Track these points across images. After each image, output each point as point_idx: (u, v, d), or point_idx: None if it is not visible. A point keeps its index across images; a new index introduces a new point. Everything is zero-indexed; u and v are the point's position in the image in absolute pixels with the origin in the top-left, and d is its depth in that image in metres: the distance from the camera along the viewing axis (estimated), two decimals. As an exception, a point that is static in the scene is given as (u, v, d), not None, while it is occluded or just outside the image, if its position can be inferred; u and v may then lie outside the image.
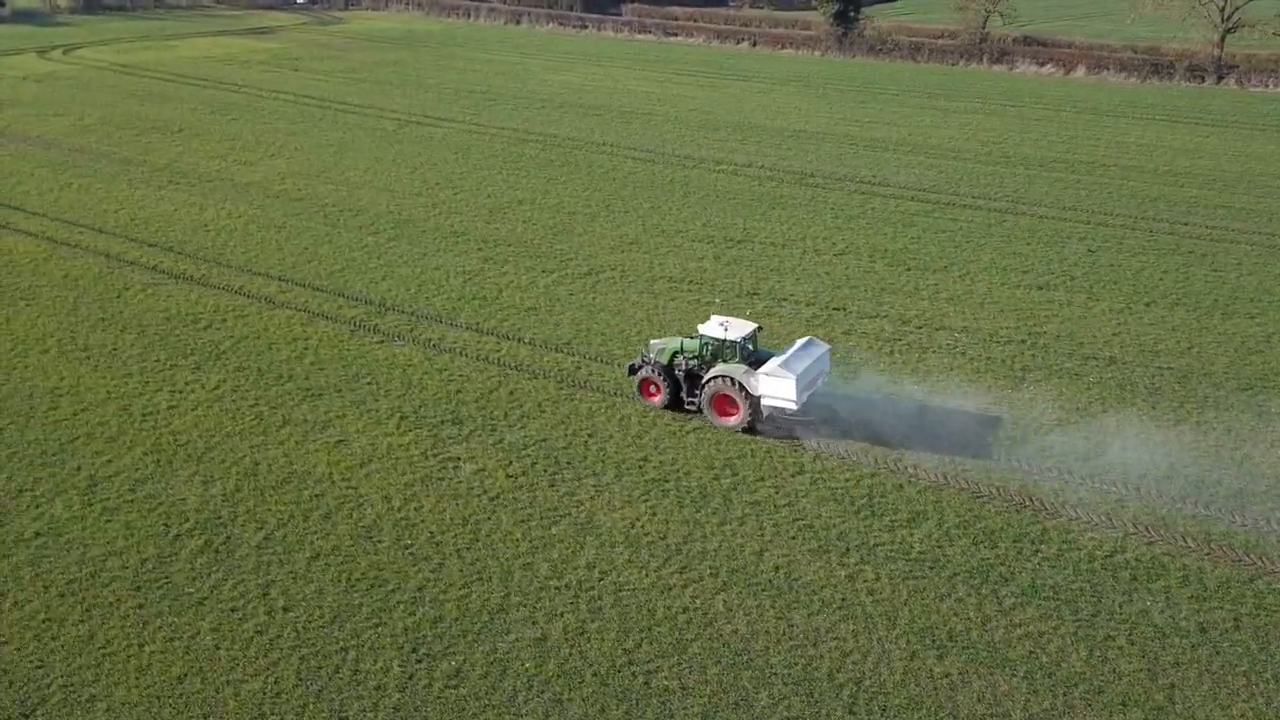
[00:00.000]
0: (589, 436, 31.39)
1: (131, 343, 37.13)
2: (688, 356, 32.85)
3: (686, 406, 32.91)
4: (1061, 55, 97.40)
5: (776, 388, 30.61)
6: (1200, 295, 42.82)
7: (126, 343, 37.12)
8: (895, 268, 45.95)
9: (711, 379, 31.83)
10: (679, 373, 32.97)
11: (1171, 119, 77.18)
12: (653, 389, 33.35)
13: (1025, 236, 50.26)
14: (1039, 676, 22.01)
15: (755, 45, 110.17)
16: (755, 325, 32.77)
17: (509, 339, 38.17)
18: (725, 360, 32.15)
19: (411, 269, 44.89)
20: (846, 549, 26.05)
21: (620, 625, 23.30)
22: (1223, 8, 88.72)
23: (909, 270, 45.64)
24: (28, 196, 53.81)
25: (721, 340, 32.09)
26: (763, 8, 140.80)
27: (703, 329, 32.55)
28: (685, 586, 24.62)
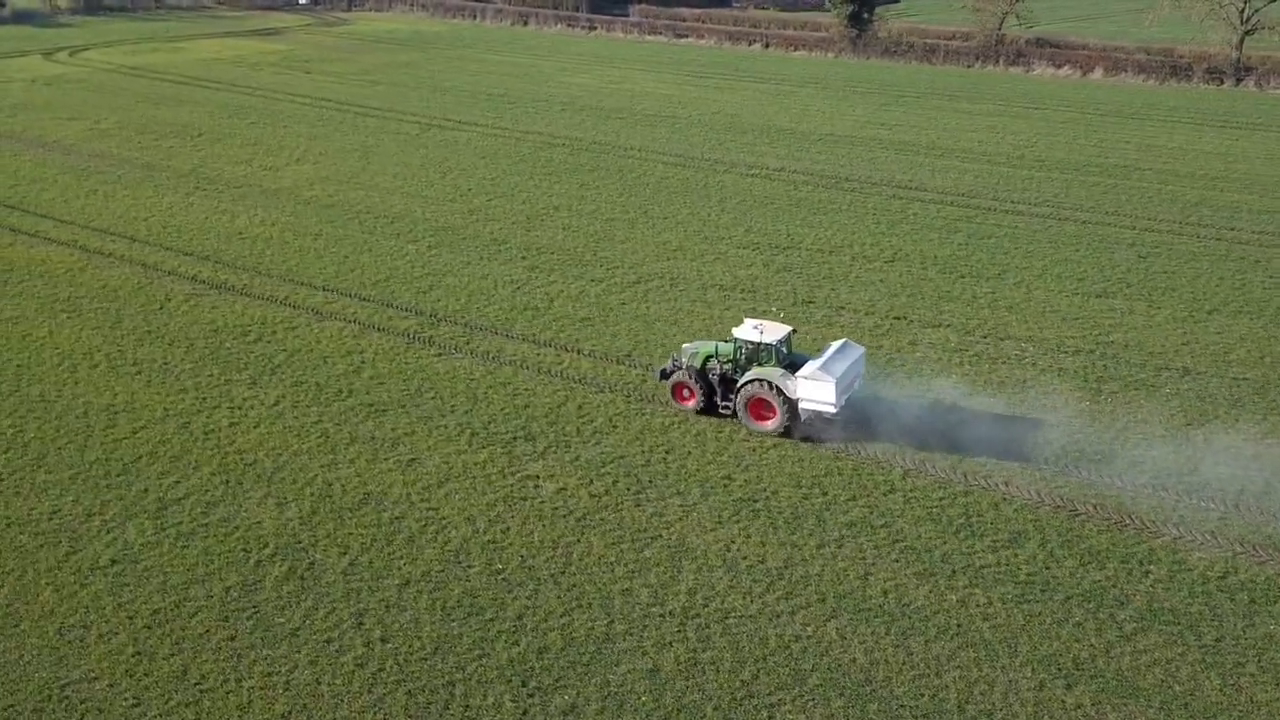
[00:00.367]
0: (666, 453, 30.54)
1: (182, 357, 36.08)
2: (722, 360, 32.45)
3: (720, 410, 32.56)
4: (1078, 57, 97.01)
5: (816, 391, 30.29)
6: (1262, 303, 42.25)
7: (176, 357, 36.07)
8: (948, 275, 45.25)
9: (747, 382, 31.46)
10: (713, 376, 32.57)
11: (1197, 122, 76.81)
12: (686, 393, 32.93)
13: (1072, 243, 49.64)
14: (1175, 707, 21.26)
15: (768, 47, 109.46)
16: (790, 328, 32.44)
17: (568, 351, 37.28)
18: (760, 363, 31.79)
19: (458, 278, 43.93)
20: (953, 571, 25.29)
21: (734, 655, 22.47)
22: (1242, 9, 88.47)
23: (963, 278, 44.94)
24: (54, 204, 52.59)
25: (757, 343, 31.72)
26: (767, 8, 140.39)
27: (737, 332, 32.16)
28: (794, 613, 23.81)
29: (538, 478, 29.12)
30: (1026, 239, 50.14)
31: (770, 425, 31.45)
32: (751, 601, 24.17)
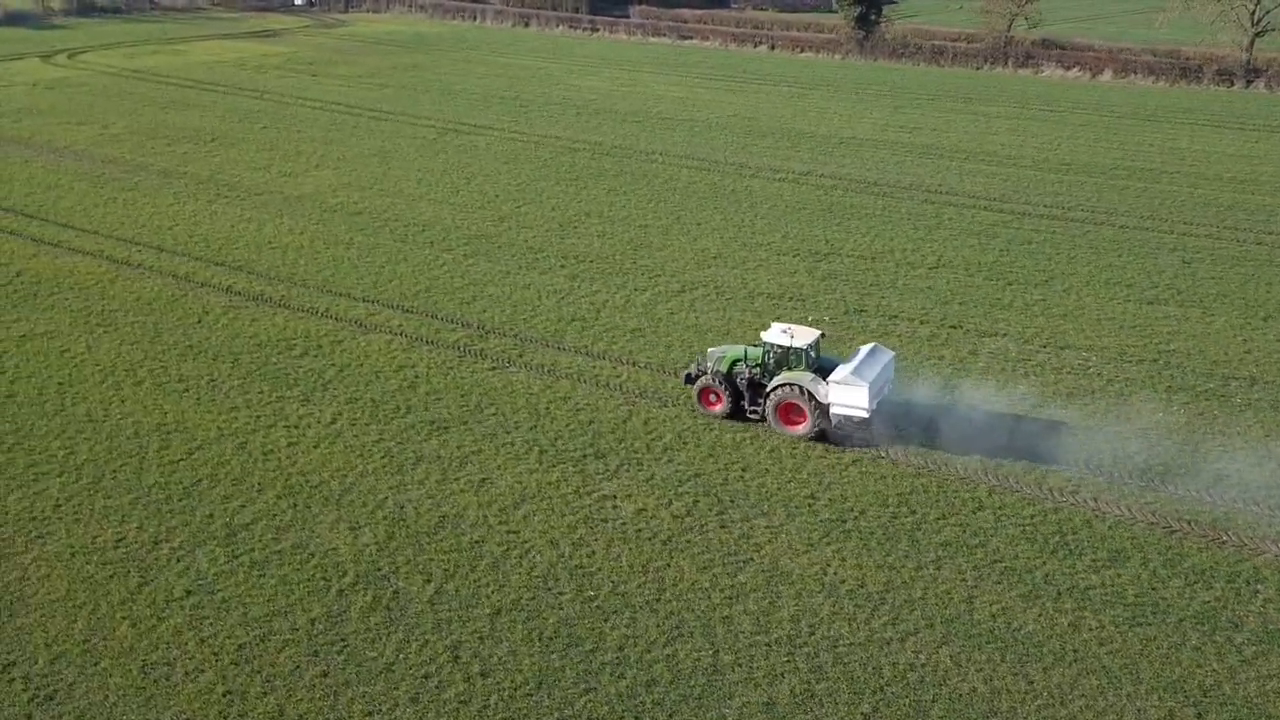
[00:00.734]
0: (743, 470, 29.73)
1: (228, 373, 34.95)
2: (750, 365, 32.07)
3: (748, 415, 32.20)
4: (1087, 58, 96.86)
5: (848, 396, 30.10)
6: (1315, 309, 41.97)
7: (223, 373, 34.94)
8: (995, 282, 44.65)
9: (777, 387, 31.17)
10: (740, 381, 32.20)
11: (1215, 124, 76.66)
12: (713, 398, 32.52)
13: (1113, 248, 49.16)
14: (1312, 736, 20.72)
15: (774, 48, 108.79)
16: (819, 332, 32.17)
17: (624, 363, 36.40)
18: (790, 368, 31.50)
19: (499, 288, 42.95)
20: (1058, 593, 24.60)
21: (849, 686, 21.67)
22: (1252, 11, 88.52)
23: (1011, 285, 44.33)
24: (73, 213, 51.20)
25: (787, 347, 31.43)
26: (765, 9, 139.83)
27: (766, 336, 31.86)
28: (903, 640, 23.05)
29: (614, 498, 28.24)
30: (1067, 245, 49.61)
31: (800, 430, 31.20)
32: (858, 628, 23.40)
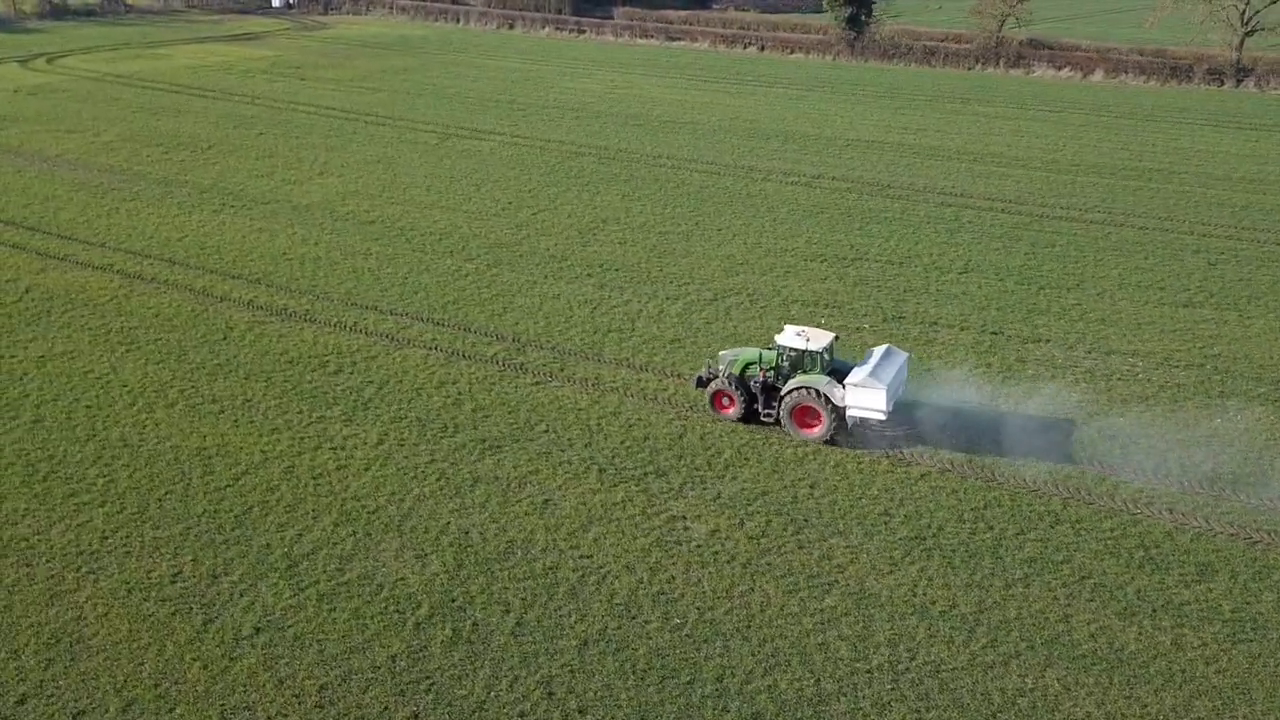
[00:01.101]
0: (811, 487, 28.98)
1: (263, 392, 33.69)
2: (765, 368, 31.85)
3: (762, 418, 32.00)
4: (1078, 59, 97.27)
5: (866, 398, 30.03)
6: (1350, 310, 41.96)
7: (257, 392, 33.67)
8: (1028, 286, 44.26)
9: (792, 390, 30.99)
10: (754, 384, 31.99)
11: (1213, 124, 77.11)
12: (726, 401, 32.40)
13: (1137, 250, 48.99)
14: None
15: (763, 49, 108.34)
16: (833, 334, 32.04)
17: (668, 375, 35.52)
18: (805, 371, 31.34)
19: (529, 299, 41.94)
20: (1153, 610, 24.07)
21: (960, 714, 20.96)
22: (1242, 11, 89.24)
23: (1043, 289, 43.97)
24: (76, 225, 49.49)
25: (802, 350, 31.27)
26: (747, 9, 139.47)
27: (780, 339, 31.68)
28: (1006, 663, 22.40)
29: (684, 518, 27.39)
30: (1091, 247, 49.39)
31: (816, 433, 31.13)
32: (957, 651, 22.72)
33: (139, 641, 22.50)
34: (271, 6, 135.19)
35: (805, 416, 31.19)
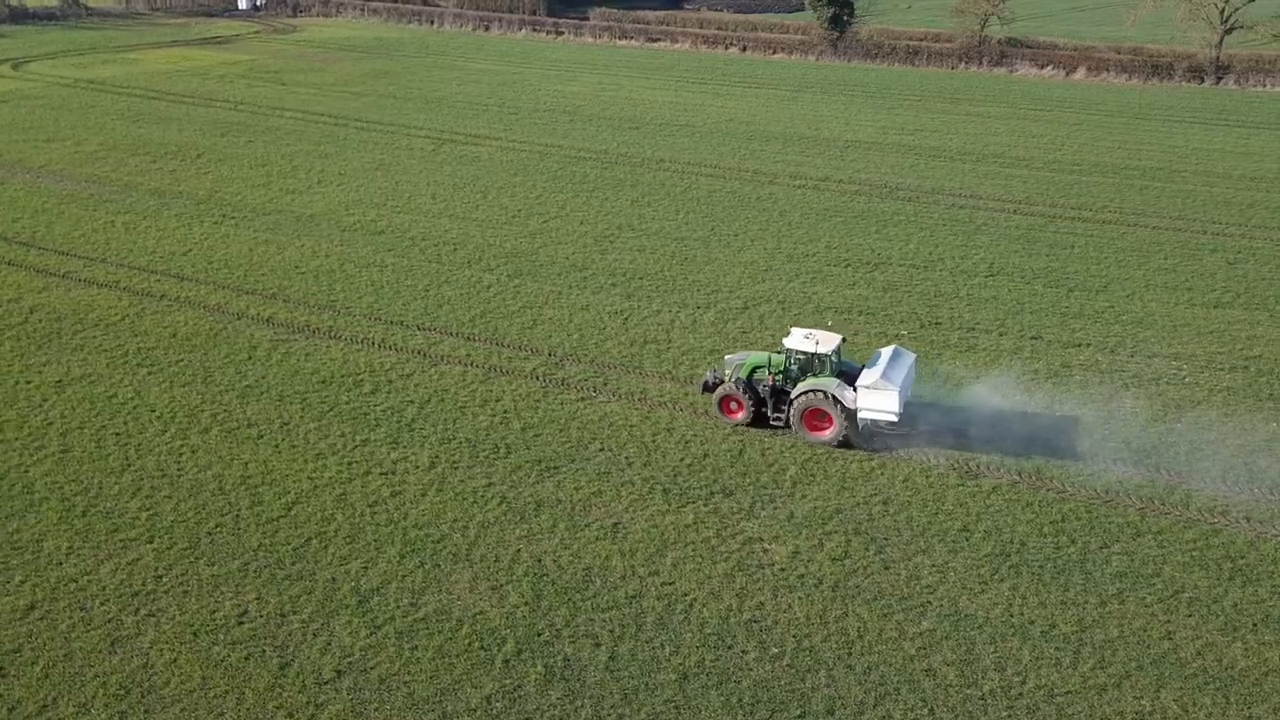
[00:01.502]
0: (884, 503, 28.28)
1: (300, 415, 32.29)
2: (774, 371, 31.63)
3: (772, 422, 31.79)
4: (1061, 57, 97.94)
5: (878, 400, 29.95)
6: (1376, 308, 42.20)
7: (294, 415, 32.26)
8: (1056, 289, 44.01)
9: (803, 393, 30.80)
10: (762, 388, 31.76)
11: (1202, 121, 77.85)
12: (734, 405, 32.20)
13: (1155, 250, 48.98)
14: None
15: (745, 50, 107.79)
16: (840, 337, 31.83)
17: (715, 389, 34.77)
18: (815, 374, 31.13)
19: (557, 310, 40.84)
20: (1254, 625, 23.65)
21: (1085, 741, 20.44)
22: (1222, 10, 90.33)
23: (1072, 291, 43.76)
24: (73, 239, 47.47)
25: (811, 353, 31.07)
26: (720, 10, 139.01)
27: (788, 342, 31.47)
28: (1118, 685, 21.82)
29: (761, 540, 26.56)
30: (1110, 248, 49.32)
31: (827, 436, 30.99)
32: (1068, 674, 22.11)
33: (214, 689, 21.19)
34: (238, 9, 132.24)
35: (815, 419, 31.08)
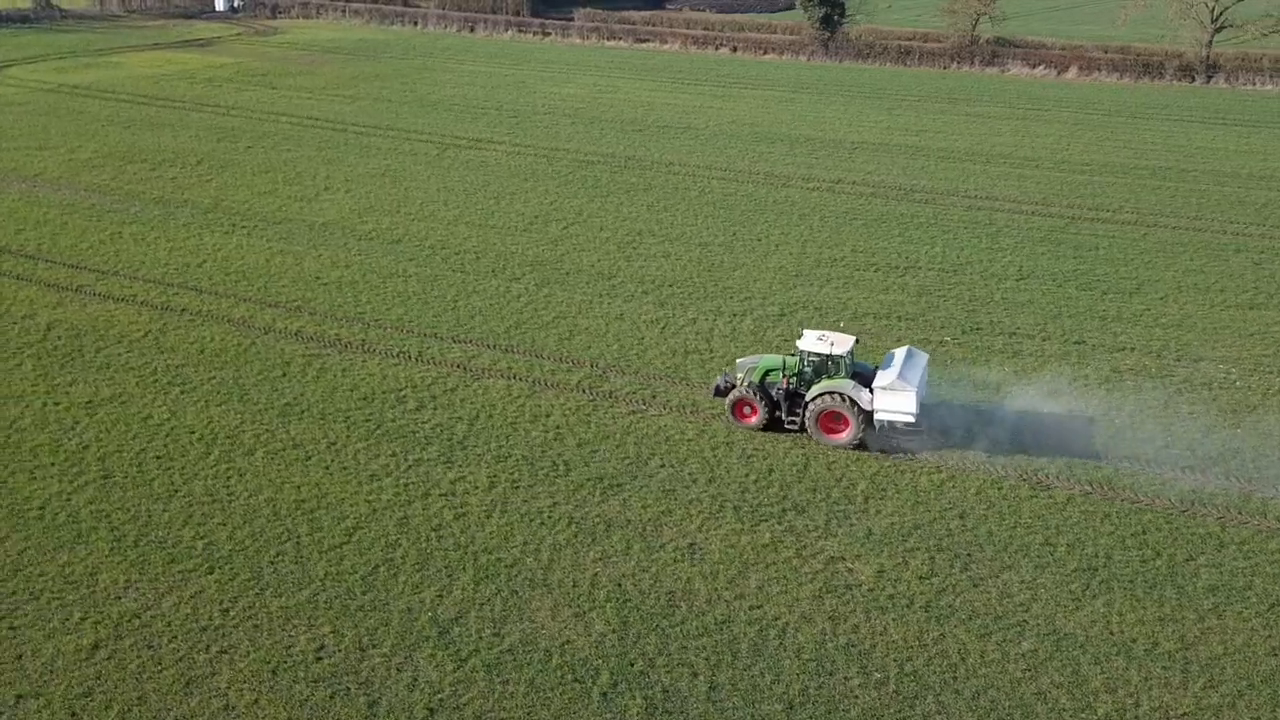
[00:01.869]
0: (960, 517, 27.67)
1: (345, 434, 31.14)
2: (788, 374, 31.36)
3: (786, 426, 31.67)
4: (1052, 57, 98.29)
5: (896, 401, 29.88)
6: None
7: (340, 434, 31.11)
8: (1090, 292, 43.75)
9: (819, 395, 30.56)
10: (776, 392, 31.48)
11: (1200, 120, 78.30)
12: (748, 410, 32.01)
13: (1180, 251, 48.89)
14: None
15: (735, 51, 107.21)
16: (854, 338, 31.58)
17: (766, 400, 34.04)
18: (830, 376, 30.88)
19: (591, 320, 39.92)
20: (1356, 639, 23.38)
21: (1211, 766, 19.93)
22: (1212, 9, 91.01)
23: (1105, 294, 43.51)
24: (81, 251, 45.82)
25: (826, 355, 30.81)
26: (703, 10, 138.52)
27: (802, 344, 31.19)
28: (1233, 705, 21.29)
29: (843, 559, 25.86)
30: (1133, 249, 49.18)
31: (843, 438, 30.85)
32: (1179, 696, 21.58)
33: (304, 733, 20.21)
34: (215, 10, 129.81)
35: (831, 422, 30.91)
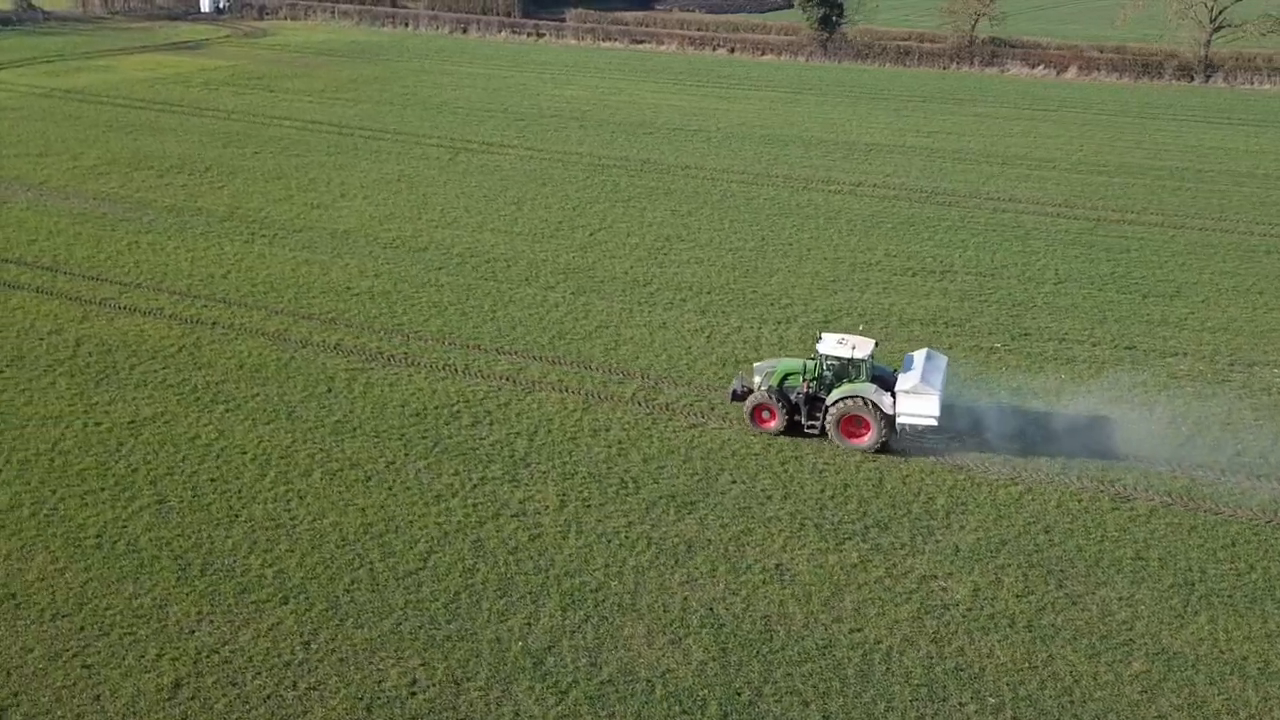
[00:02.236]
0: (1045, 531, 27.10)
1: (402, 452, 30.13)
2: (808, 378, 31.09)
3: (806, 430, 31.41)
4: (1051, 57, 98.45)
5: (919, 405, 29.82)
6: None
7: (397, 453, 30.10)
8: (1130, 295, 43.44)
9: (840, 399, 30.29)
10: (795, 396, 31.18)
11: (1206, 120, 78.53)
12: (766, 414, 31.72)
13: (1212, 252, 48.72)
14: None
15: (733, 51, 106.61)
16: (874, 341, 31.37)
17: (826, 411, 33.38)
18: (851, 379, 30.62)
19: (635, 330, 39.10)
20: None
21: (1349, 791, 19.46)
22: (1211, 8, 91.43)
23: (1146, 298, 43.22)
24: (98, 263, 44.38)
25: (847, 359, 30.61)
26: (692, 10, 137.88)
27: (822, 348, 30.94)
28: (1358, 725, 20.98)
29: (935, 578, 25.22)
30: (1165, 250, 48.97)
31: (865, 442, 30.68)
32: (1302, 716, 21.21)
33: (410, 775, 19.30)
34: (200, 11, 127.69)
35: (852, 426, 30.71)
